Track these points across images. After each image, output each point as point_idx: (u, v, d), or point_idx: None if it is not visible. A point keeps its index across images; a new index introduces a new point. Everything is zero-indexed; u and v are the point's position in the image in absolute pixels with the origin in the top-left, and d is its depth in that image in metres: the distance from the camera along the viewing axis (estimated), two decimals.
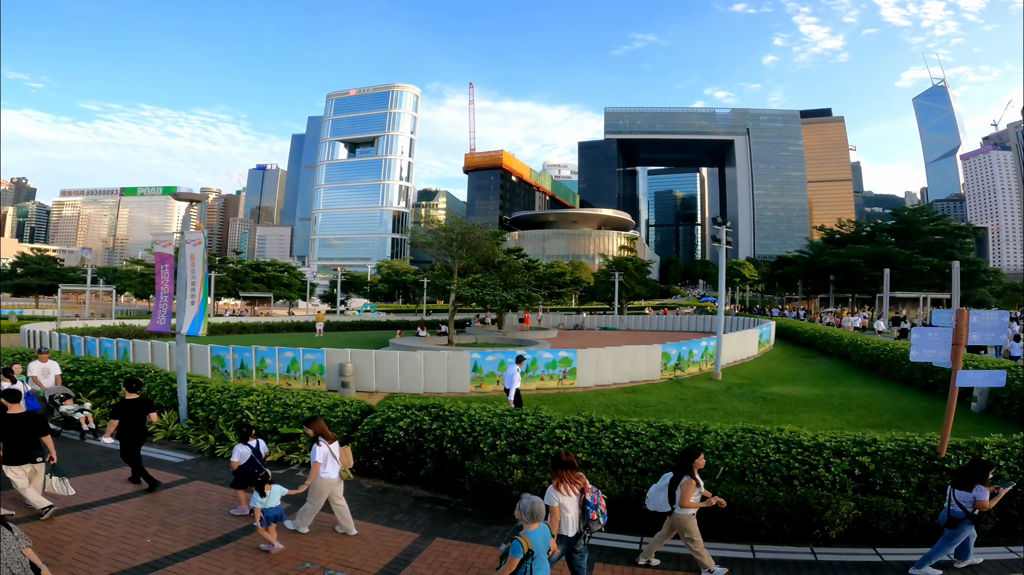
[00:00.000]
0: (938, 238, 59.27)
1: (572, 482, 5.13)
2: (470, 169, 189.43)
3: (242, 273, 67.12)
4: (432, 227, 34.50)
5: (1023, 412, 11.48)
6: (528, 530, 4.26)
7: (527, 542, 4.15)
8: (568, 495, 5.07)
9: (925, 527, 6.16)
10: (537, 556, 4.22)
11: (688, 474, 5.45)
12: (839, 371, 20.16)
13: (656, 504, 5.70)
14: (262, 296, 66.19)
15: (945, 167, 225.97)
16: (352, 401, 9.95)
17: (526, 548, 4.14)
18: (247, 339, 31.93)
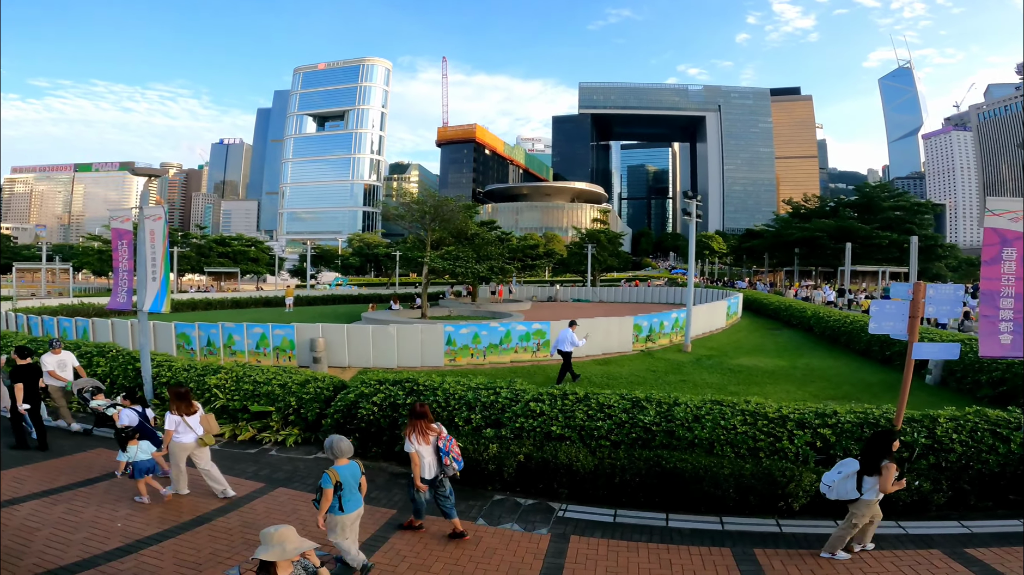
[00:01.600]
0: (898, 214, 61.29)
1: (425, 432, 5.78)
2: (443, 142, 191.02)
3: (206, 248, 65.04)
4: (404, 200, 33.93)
5: (976, 385, 11.86)
6: (337, 465, 5.02)
7: (335, 475, 4.90)
8: (422, 444, 5.75)
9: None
10: (346, 488, 4.97)
11: (889, 458, 5.20)
12: (803, 343, 20.77)
13: (841, 493, 5.32)
14: (228, 271, 64.29)
15: (907, 146, 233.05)
16: (324, 377, 9.80)
17: (334, 480, 4.88)
18: (213, 315, 31.17)
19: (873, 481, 5.17)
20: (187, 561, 5.33)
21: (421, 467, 5.77)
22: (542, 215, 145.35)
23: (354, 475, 5.12)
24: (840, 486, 5.29)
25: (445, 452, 5.85)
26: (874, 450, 5.23)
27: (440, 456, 5.84)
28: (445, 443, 5.88)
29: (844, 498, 5.29)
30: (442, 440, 5.88)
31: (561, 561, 5.47)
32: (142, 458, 6.63)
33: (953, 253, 64.08)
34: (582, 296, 48.23)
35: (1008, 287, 6.47)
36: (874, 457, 5.19)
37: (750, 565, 5.34)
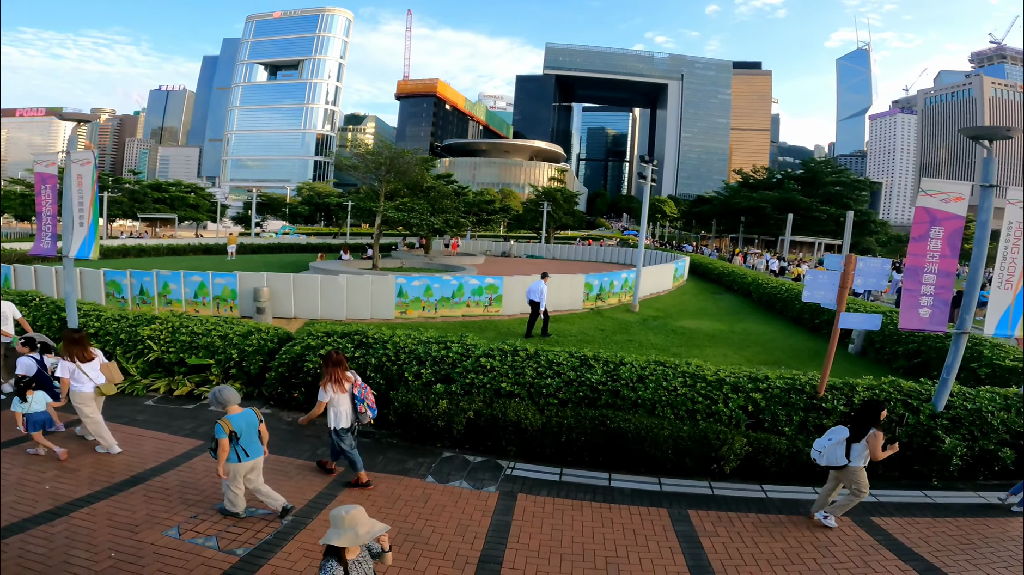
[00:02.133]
0: (838, 189, 64.14)
1: (341, 380, 5.88)
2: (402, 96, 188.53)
3: (140, 194, 60.68)
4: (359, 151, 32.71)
5: (893, 356, 12.66)
6: (229, 415, 5.06)
7: (228, 424, 4.96)
8: (338, 392, 5.85)
9: (803, 466, 6.58)
10: (243, 436, 5.05)
11: (876, 426, 5.41)
12: (742, 308, 21.60)
13: (830, 459, 5.52)
14: (165, 217, 60.36)
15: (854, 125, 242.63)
16: (268, 328, 9.48)
17: (228, 430, 4.93)
18: (148, 263, 29.47)
19: (861, 447, 5.42)
20: (122, 523, 5.15)
21: (337, 416, 5.90)
22: (500, 171, 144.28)
23: (250, 423, 5.16)
24: (830, 452, 5.51)
25: (360, 399, 5.96)
26: (862, 419, 5.47)
27: (355, 404, 5.95)
28: (360, 391, 5.98)
29: (833, 464, 5.52)
30: (357, 387, 5.98)
31: (508, 518, 5.60)
32: (36, 409, 6.37)
33: (884, 229, 68.00)
34: (536, 252, 48.54)
35: (932, 263, 6.90)
36: (862, 425, 5.44)
37: (684, 525, 5.62)
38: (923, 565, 5.09)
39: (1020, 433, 6.86)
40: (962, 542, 5.52)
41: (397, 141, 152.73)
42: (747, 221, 62.45)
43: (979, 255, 7.08)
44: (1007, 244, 6.88)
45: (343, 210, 63.06)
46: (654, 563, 4.96)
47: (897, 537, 5.57)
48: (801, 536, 5.50)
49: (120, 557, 4.64)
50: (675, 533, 5.49)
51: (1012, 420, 6.83)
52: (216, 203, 68.16)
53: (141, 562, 4.60)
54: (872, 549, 5.34)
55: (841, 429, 5.57)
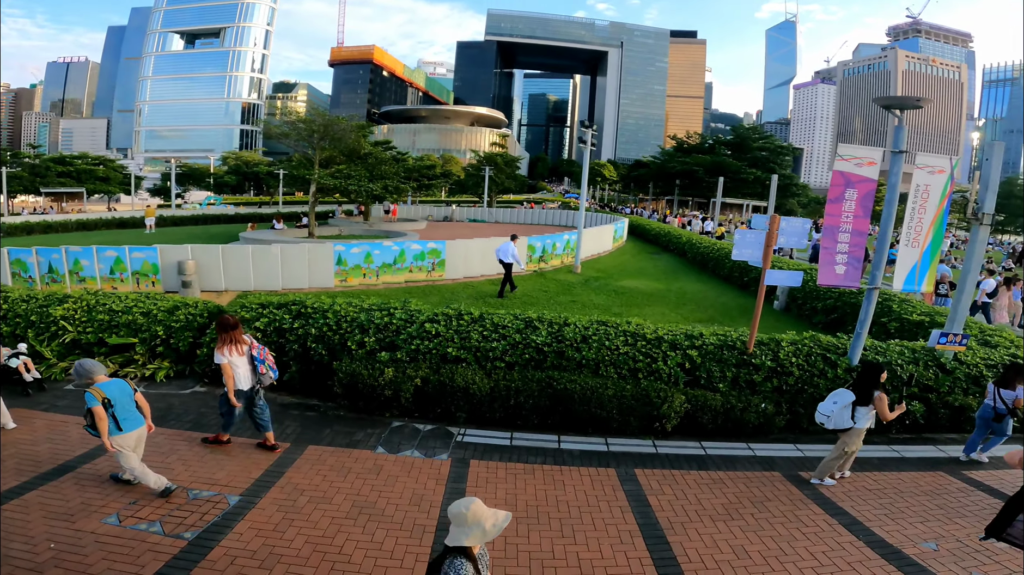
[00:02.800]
0: (764, 154, 67.88)
1: (237, 343, 5.84)
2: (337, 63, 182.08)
3: (42, 168, 55.23)
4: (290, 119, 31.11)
5: (813, 311, 13.51)
6: (99, 383, 4.96)
7: (99, 392, 4.86)
8: (235, 355, 5.81)
9: (736, 421, 6.98)
10: (117, 405, 4.94)
11: (879, 389, 5.64)
12: (678, 267, 22.37)
13: (838, 423, 5.66)
14: (71, 191, 55.35)
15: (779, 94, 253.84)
16: (197, 302, 8.91)
17: (100, 397, 4.83)
18: (55, 239, 26.95)
19: (865, 411, 5.67)
20: (57, 512, 4.85)
21: (236, 379, 5.82)
22: (440, 137, 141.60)
23: (123, 391, 5.06)
24: (838, 416, 5.65)
25: (260, 360, 5.93)
26: (865, 382, 5.70)
27: (255, 366, 5.91)
28: (259, 352, 5.96)
29: (840, 427, 5.69)
30: (255, 349, 5.94)
31: (463, 486, 5.64)
32: None
33: (805, 192, 72.55)
34: (478, 216, 48.21)
35: (847, 223, 7.39)
36: (866, 389, 5.66)
37: (632, 484, 5.84)
38: (848, 519, 5.38)
39: (928, 387, 7.41)
40: (880, 496, 5.85)
41: (332, 108, 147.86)
42: (682, 184, 65.00)
43: (888, 215, 7.63)
44: (914, 205, 7.47)
45: (274, 179, 60.24)
46: (606, 523, 5.13)
47: (823, 491, 5.90)
48: (739, 492, 5.79)
49: (60, 548, 4.39)
50: (624, 493, 5.67)
51: (920, 373, 7.35)
52: (130, 175, 62.77)
53: (83, 551, 4.37)
54: (802, 503, 5.64)
55: (845, 392, 5.73)
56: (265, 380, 5.97)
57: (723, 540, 4.95)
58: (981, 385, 7.46)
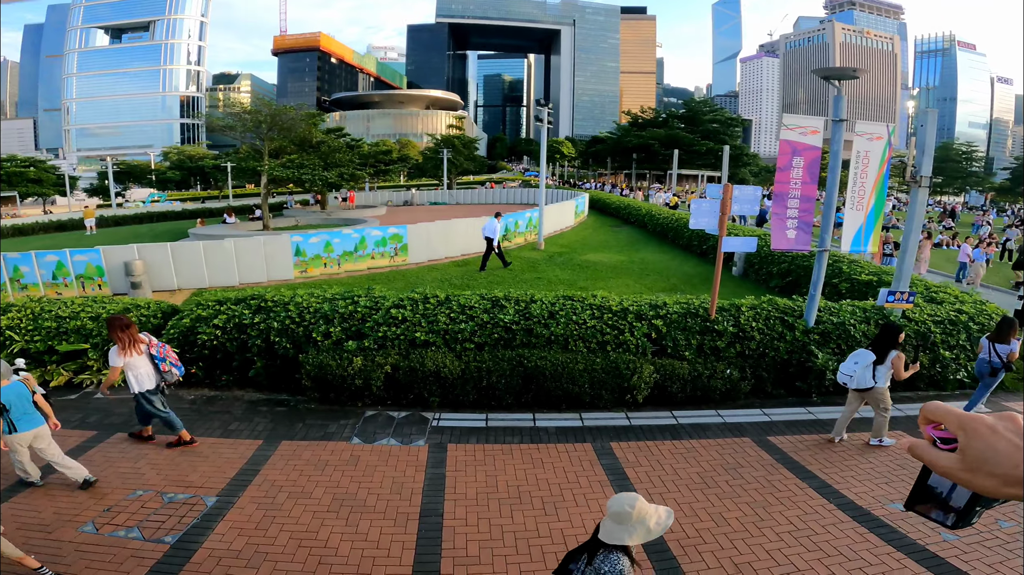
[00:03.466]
0: (715, 126, 69.57)
1: (135, 343, 5.78)
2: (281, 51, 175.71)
3: None
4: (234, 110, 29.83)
5: (769, 276, 13.99)
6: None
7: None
8: (134, 355, 5.77)
9: (704, 389, 7.15)
10: (14, 408, 4.92)
11: (897, 348, 5.91)
12: (639, 239, 22.69)
13: (861, 382, 5.93)
14: (3, 196, 51.79)
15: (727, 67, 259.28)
16: (149, 303, 8.59)
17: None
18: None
19: (885, 369, 5.92)
20: (32, 524, 4.70)
21: (139, 379, 5.81)
22: (395, 122, 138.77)
23: (20, 395, 5.02)
24: (861, 375, 5.92)
25: (161, 359, 5.90)
26: (884, 342, 5.94)
27: (156, 364, 5.87)
28: (159, 350, 5.92)
29: (862, 386, 5.97)
30: (154, 348, 5.90)
31: (442, 471, 5.63)
32: None
33: (755, 161, 74.72)
34: (439, 199, 47.70)
35: (795, 190, 7.66)
36: (884, 348, 5.91)
37: (609, 458, 5.92)
38: (818, 482, 5.51)
39: None
40: (846, 458, 6.01)
41: (278, 98, 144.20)
42: (639, 158, 66.01)
43: (833, 181, 7.95)
44: (856, 171, 7.81)
45: (222, 172, 57.83)
46: (587, 498, 5.21)
47: (791, 455, 6.03)
48: (712, 460, 5.91)
49: (41, 558, 4.23)
50: (602, 467, 5.74)
51: (872, 332, 7.67)
52: (63, 175, 59.04)
53: (65, 561, 4.25)
54: (773, 468, 5.77)
55: (865, 353, 5.97)
56: (169, 378, 5.96)
57: (701, 509, 5.07)
58: (931, 342, 7.82)
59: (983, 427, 0.72)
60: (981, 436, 0.71)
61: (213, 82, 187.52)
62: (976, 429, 0.72)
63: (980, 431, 0.72)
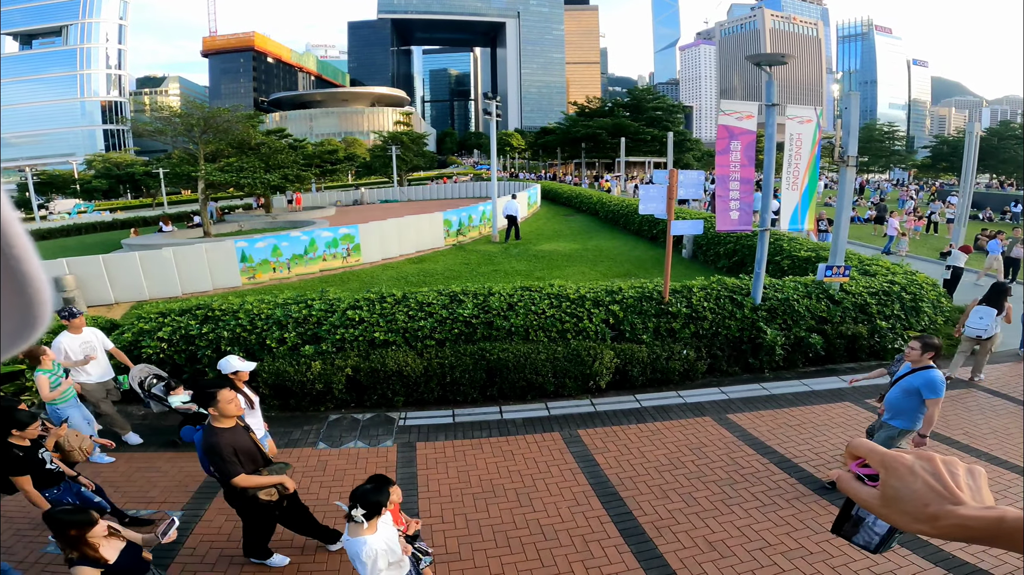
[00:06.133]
0: (659, 113, 71.33)
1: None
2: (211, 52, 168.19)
3: None
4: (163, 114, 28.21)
5: (716, 257, 14.47)
6: None
7: None
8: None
9: (663, 371, 7.32)
10: None
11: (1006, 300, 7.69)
12: (592, 226, 23.04)
13: (990, 331, 7.57)
14: None
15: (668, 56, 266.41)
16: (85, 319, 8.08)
17: None
18: None
19: (1000, 319, 7.64)
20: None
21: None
22: (340, 121, 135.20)
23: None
24: (992, 327, 7.54)
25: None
26: (999, 297, 7.60)
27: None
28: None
29: (990, 334, 7.58)
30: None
31: (413, 470, 5.61)
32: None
33: (698, 146, 77.12)
34: (390, 197, 46.88)
35: (735, 172, 7.98)
36: (1000, 302, 7.59)
37: (578, 446, 6.02)
38: (777, 457, 5.74)
39: (823, 318, 8.11)
40: (800, 431, 6.25)
41: (212, 100, 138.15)
42: (587, 147, 67.00)
43: (769, 163, 8.28)
44: (791, 152, 8.21)
45: (154, 179, 54.79)
46: (560, 487, 5.28)
47: (751, 432, 6.24)
48: (677, 441, 6.07)
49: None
50: (572, 455, 5.85)
51: (814, 306, 8.09)
52: None
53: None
54: (735, 446, 5.96)
55: (987, 309, 7.60)
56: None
57: (671, 490, 5.21)
58: (868, 313, 8.28)
59: (902, 467, 0.76)
60: (899, 475, 0.75)
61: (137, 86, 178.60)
62: (896, 468, 0.76)
63: (899, 470, 0.76)
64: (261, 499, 3.88)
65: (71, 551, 3.13)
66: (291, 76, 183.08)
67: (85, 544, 3.14)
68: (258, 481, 3.86)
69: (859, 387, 7.31)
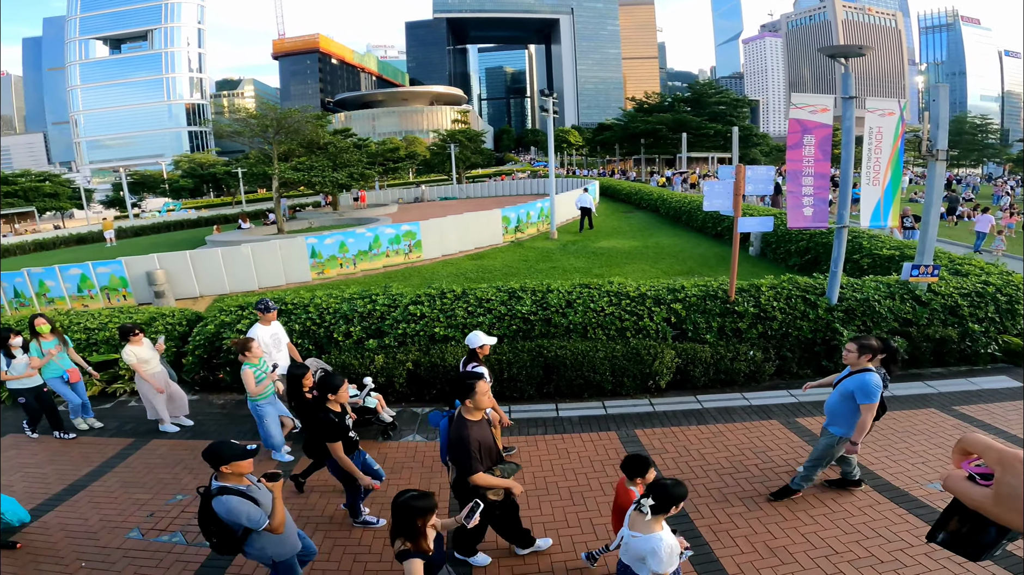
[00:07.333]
0: (722, 108, 68.88)
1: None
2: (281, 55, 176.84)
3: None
4: (240, 116, 30.12)
5: (787, 255, 13.80)
6: None
7: None
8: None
9: (727, 371, 7.02)
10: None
11: None
12: (652, 223, 22.46)
13: None
14: (21, 212, 52.95)
15: (730, 49, 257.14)
16: (173, 311, 8.77)
17: None
18: (15, 262, 26.02)
19: None
20: (79, 532, 4.82)
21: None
22: (400, 120, 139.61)
23: None
24: None
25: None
26: None
27: None
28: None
29: None
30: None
31: None
32: None
33: (766, 141, 73.71)
34: (449, 194, 47.74)
35: (809, 167, 7.57)
36: None
37: (635, 445, 5.90)
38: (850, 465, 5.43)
39: (908, 320, 7.56)
40: (878, 438, 5.82)
41: (282, 101, 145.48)
42: (647, 143, 65.65)
43: (847, 158, 7.79)
44: (870, 146, 7.70)
45: (233, 178, 58.60)
46: (614, 486, 5.13)
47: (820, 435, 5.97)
48: (740, 444, 5.81)
49: (91, 566, 4.40)
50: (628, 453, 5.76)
51: (898, 307, 7.55)
52: (78, 188, 60.13)
53: (115, 567, 4.38)
54: (804, 450, 5.64)
55: None
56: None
57: (732, 493, 5.00)
58: (959, 315, 7.64)
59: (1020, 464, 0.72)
60: (1017, 472, 0.72)
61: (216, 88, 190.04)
62: (1014, 465, 0.73)
63: (1017, 468, 0.72)
64: (488, 499, 3.76)
65: (405, 542, 2.88)
66: (354, 76, 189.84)
67: (423, 535, 2.91)
68: (494, 482, 3.73)
69: (945, 392, 6.82)
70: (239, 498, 3.21)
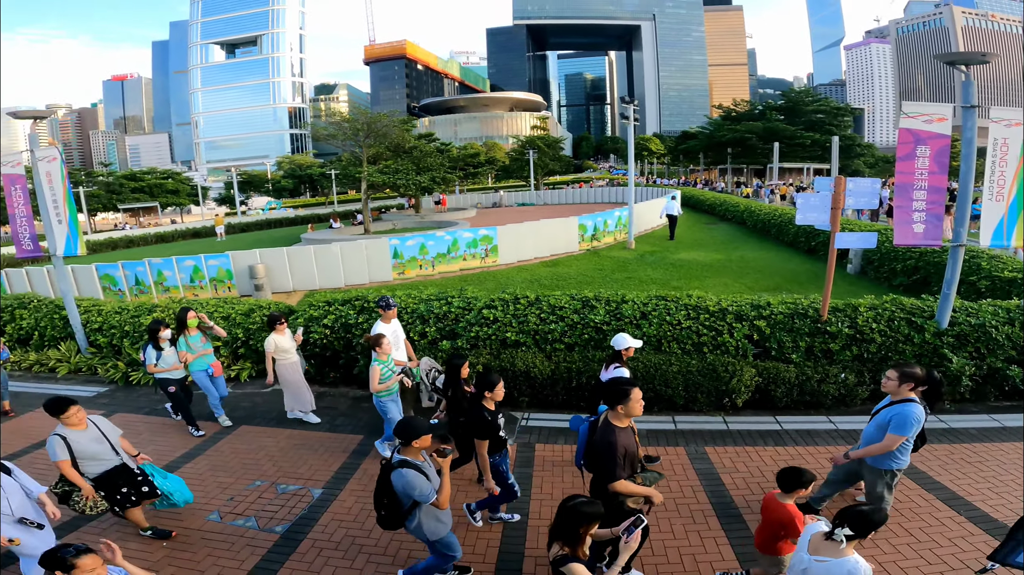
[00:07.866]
0: (820, 116, 64.23)
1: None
2: (371, 60, 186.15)
3: (116, 185, 59.38)
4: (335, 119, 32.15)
5: (892, 273, 12.65)
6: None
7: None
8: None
9: (813, 393, 6.58)
10: None
11: None
12: (737, 236, 21.52)
13: None
14: (146, 206, 59.72)
15: (829, 56, 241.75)
16: (269, 304, 9.50)
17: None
18: (137, 253, 29.14)
19: None
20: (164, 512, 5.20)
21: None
22: (481, 125, 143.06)
23: None
24: None
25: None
26: None
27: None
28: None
29: None
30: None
31: (530, 470, 5.69)
32: None
33: (870, 152, 67.93)
34: (526, 200, 48.25)
35: (922, 180, 6.91)
36: None
37: (703, 463, 5.69)
38: (946, 494, 5.04)
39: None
40: (981, 468, 5.40)
41: (372, 106, 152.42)
42: (734, 152, 62.60)
43: (967, 171, 7.05)
44: (994, 159, 6.90)
45: (327, 179, 62.84)
46: (677, 503, 5.02)
47: (916, 465, 5.44)
48: (820, 468, 5.39)
49: (171, 545, 4.78)
50: (695, 471, 5.53)
51: (1017, 335, 6.74)
52: (196, 186, 66.87)
53: (192, 548, 4.74)
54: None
55: None
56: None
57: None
58: None
59: None
60: None
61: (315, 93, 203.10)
62: None
63: None
64: (628, 507, 3.68)
65: (563, 547, 2.85)
66: (438, 82, 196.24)
67: (583, 541, 2.87)
68: (635, 490, 3.65)
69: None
70: (415, 471, 3.45)
